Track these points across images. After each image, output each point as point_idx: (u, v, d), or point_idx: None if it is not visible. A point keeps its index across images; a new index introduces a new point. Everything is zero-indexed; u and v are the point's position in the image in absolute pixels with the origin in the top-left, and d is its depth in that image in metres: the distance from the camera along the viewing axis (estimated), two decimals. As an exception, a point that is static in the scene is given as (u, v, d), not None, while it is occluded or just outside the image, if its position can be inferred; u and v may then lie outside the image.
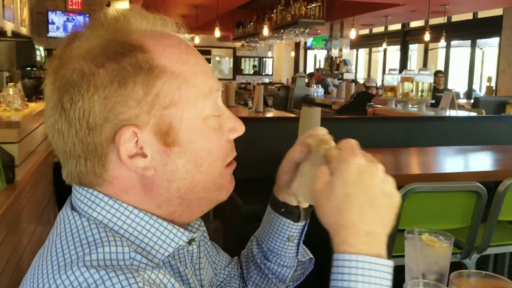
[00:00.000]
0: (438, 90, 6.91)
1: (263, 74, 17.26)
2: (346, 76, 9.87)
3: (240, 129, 0.68)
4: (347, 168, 0.61)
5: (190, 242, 0.68)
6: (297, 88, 9.71)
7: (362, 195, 0.60)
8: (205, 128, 0.63)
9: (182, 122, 0.61)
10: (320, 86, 9.80)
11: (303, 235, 0.85)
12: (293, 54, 15.72)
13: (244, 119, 0.70)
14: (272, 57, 17.26)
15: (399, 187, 1.98)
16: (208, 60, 16.23)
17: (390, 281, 0.58)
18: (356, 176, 0.60)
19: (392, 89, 5.88)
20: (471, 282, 0.82)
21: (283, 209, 0.81)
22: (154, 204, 0.63)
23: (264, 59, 17.41)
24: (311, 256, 0.89)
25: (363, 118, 4.61)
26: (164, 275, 0.57)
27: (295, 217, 0.81)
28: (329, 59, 10.73)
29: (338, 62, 10.34)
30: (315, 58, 16.12)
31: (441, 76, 7.51)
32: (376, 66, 13.76)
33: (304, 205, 0.81)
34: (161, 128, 0.60)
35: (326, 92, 9.70)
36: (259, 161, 2.61)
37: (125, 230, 0.61)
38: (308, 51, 16.30)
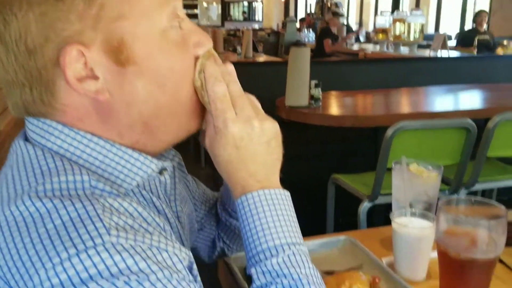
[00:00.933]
0: (480, 33, 5.97)
1: (253, 20, 16.81)
2: (337, 19, 9.60)
3: (207, 43, 0.62)
4: (222, 137, 0.61)
5: (161, 172, 0.64)
6: (287, 33, 9.44)
7: (244, 158, 0.62)
8: (164, 42, 0.57)
9: (136, 36, 0.55)
10: (311, 30, 9.58)
11: None
12: (283, -2, 15.26)
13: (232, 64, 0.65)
14: (262, 2, 16.75)
15: (389, 126, 1.95)
16: (195, 6, 15.73)
17: (292, 207, 0.63)
18: (233, 144, 0.61)
19: (384, 31, 5.76)
20: (460, 208, 0.80)
21: None
22: (115, 133, 0.58)
23: (253, 3, 16.91)
24: None
25: (354, 60, 4.53)
26: (130, 204, 0.53)
27: None
28: (320, 2, 10.43)
29: (329, 5, 10.05)
30: (306, 2, 15.68)
31: (484, 15, 6.27)
32: (368, 9, 13.42)
33: None
34: (111, 44, 0.54)
35: (317, 36, 9.49)
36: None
37: (85, 160, 0.56)
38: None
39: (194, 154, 4.12)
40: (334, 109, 2.67)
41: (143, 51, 0.56)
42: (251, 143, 0.61)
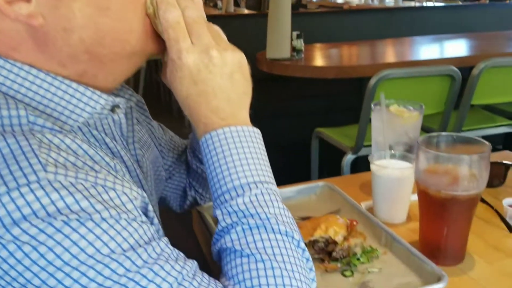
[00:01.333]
0: None
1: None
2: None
3: None
4: (177, 70, 0.55)
5: (113, 110, 0.58)
6: (270, -12, 9.20)
7: (204, 93, 0.56)
8: None
9: None
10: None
11: None
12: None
13: (211, 17, 0.59)
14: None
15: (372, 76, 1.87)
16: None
17: (262, 145, 0.58)
18: (190, 77, 0.55)
19: (369, -17, 5.60)
20: (441, 145, 0.76)
21: None
22: (55, 63, 0.52)
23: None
24: None
25: (338, 11, 4.40)
26: (73, 140, 0.48)
27: None
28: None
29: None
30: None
31: None
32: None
33: None
34: None
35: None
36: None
37: (23, 95, 0.50)
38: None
39: (177, 115, 4.04)
40: (317, 60, 2.60)
41: None
42: (211, 75, 0.55)
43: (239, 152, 0.56)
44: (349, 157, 2.10)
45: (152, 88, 5.02)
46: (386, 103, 0.93)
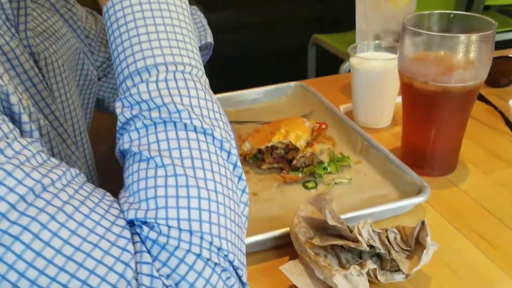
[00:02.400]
0: None
1: None
2: None
3: None
4: None
5: None
6: None
7: None
8: None
9: None
10: None
11: None
12: None
13: None
14: None
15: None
16: None
17: (186, 16, 0.43)
18: None
19: None
20: (434, 28, 0.59)
21: None
22: None
23: None
24: (210, 40, 0.71)
25: None
26: None
27: None
28: None
29: None
30: None
31: None
32: None
33: None
34: None
35: None
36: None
37: None
38: None
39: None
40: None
41: None
42: None
43: (147, 23, 0.41)
44: (347, 65, 1.93)
45: None
46: (374, -17, 0.76)
